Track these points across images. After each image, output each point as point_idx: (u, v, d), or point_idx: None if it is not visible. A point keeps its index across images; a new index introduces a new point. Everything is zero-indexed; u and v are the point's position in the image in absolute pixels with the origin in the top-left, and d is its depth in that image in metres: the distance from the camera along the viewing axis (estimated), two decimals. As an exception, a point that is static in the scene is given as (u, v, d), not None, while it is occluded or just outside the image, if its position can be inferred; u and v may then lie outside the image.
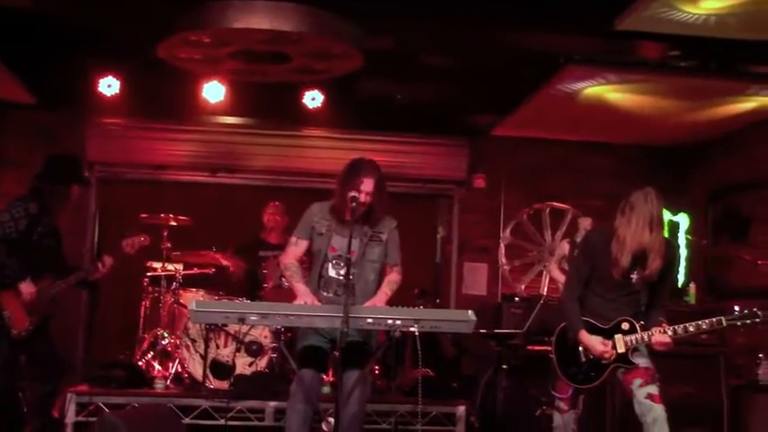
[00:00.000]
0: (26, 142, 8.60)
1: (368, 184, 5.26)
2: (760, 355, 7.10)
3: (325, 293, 5.34)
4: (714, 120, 8.21)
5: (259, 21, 6.18)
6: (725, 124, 8.32)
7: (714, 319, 5.03)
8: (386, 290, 5.38)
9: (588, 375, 5.26)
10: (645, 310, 5.24)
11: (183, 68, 7.29)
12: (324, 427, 4.86)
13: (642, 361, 5.14)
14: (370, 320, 4.84)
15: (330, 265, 5.35)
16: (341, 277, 5.24)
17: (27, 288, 5.92)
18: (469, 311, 4.87)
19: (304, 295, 5.21)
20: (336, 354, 4.80)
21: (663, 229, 5.14)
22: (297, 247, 5.46)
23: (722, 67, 6.98)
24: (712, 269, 8.69)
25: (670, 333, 5.04)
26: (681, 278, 8.22)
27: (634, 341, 5.11)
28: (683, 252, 8.33)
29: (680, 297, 7.91)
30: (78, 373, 8.07)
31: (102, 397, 6.78)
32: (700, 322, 5.05)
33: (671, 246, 5.26)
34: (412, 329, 4.80)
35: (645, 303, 5.21)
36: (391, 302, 5.28)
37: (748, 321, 5.00)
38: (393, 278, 5.43)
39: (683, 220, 8.42)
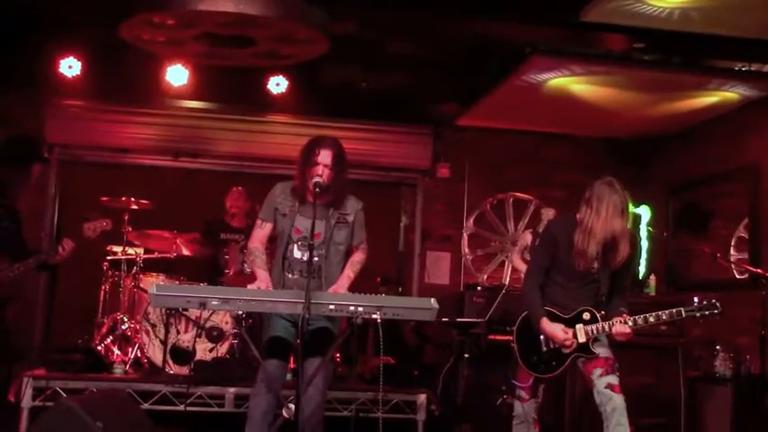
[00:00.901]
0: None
1: (325, 156, 5.21)
2: (717, 347, 7.19)
3: (290, 275, 5.30)
4: (676, 114, 8.28)
5: (224, 3, 6.12)
6: (686, 118, 8.39)
7: (674, 310, 5.08)
8: (348, 273, 5.35)
9: (549, 365, 5.28)
10: (606, 299, 5.27)
11: (146, 50, 7.20)
12: (284, 413, 4.83)
13: (602, 351, 5.17)
14: (332, 307, 4.82)
15: (295, 246, 5.31)
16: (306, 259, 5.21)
17: (-20, 270, 5.84)
18: (432, 299, 4.87)
19: (261, 281, 5.19)
20: (298, 340, 4.78)
21: (629, 212, 5.17)
22: (262, 230, 5.42)
23: (685, 62, 7.04)
24: (672, 261, 8.78)
25: (630, 324, 5.08)
26: (641, 270, 8.30)
27: (595, 331, 5.14)
28: (644, 244, 8.39)
29: (640, 289, 7.99)
30: (36, 357, 7.98)
31: (60, 381, 6.70)
32: (660, 312, 5.09)
33: (632, 234, 5.30)
34: (374, 317, 4.79)
35: (605, 293, 5.24)
36: (354, 289, 5.26)
37: (707, 312, 5.05)
38: (357, 258, 5.41)
39: (645, 212, 8.49)
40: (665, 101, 7.96)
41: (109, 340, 7.53)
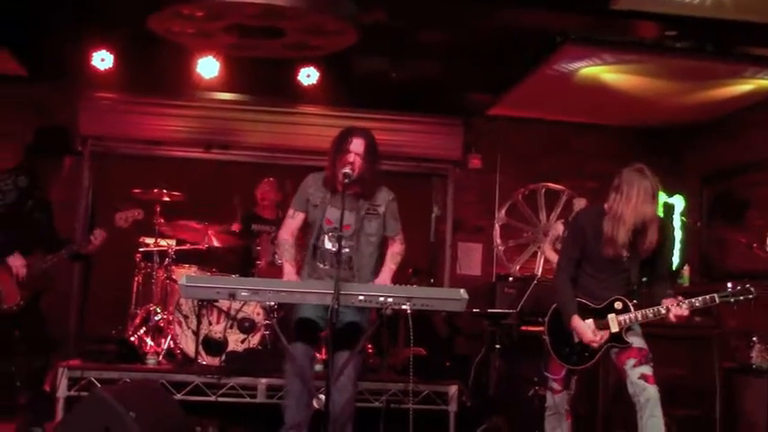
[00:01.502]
0: (18, 116, 8.49)
1: (358, 145, 5.21)
2: (754, 338, 7.09)
3: (321, 265, 5.32)
4: (710, 102, 8.18)
5: (252, -6, 6.14)
6: (721, 106, 8.29)
7: (707, 297, 5.02)
8: (390, 265, 5.37)
9: (581, 356, 5.24)
10: (646, 287, 5.23)
11: (177, 43, 7.24)
12: (314, 404, 4.84)
13: (636, 341, 5.13)
14: (361, 298, 4.81)
15: (326, 237, 5.32)
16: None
17: (15, 261, 5.89)
18: (461, 290, 4.85)
19: (288, 275, 5.21)
20: (328, 332, 4.78)
21: (659, 198, 5.12)
22: (294, 220, 5.43)
23: (719, 49, 6.95)
24: (707, 252, 8.68)
25: (685, 306, 5.00)
26: (675, 260, 8.21)
27: (627, 320, 5.10)
28: (678, 234, 8.31)
29: (674, 279, 7.90)
30: (71, 347, 8.07)
31: (95, 372, 6.75)
32: (693, 300, 5.03)
33: (662, 220, 5.24)
34: (404, 307, 4.78)
35: (636, 282, 5.20)
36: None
37: (741, 298, 4.99)
38: (396, 250, 5.43)
39: (678, 202, 8.40)
40: (699, 89, 7.86)
41: (142, 331, 7.58)
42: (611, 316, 5.13)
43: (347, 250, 5.21)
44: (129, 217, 6.48)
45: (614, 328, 5.11)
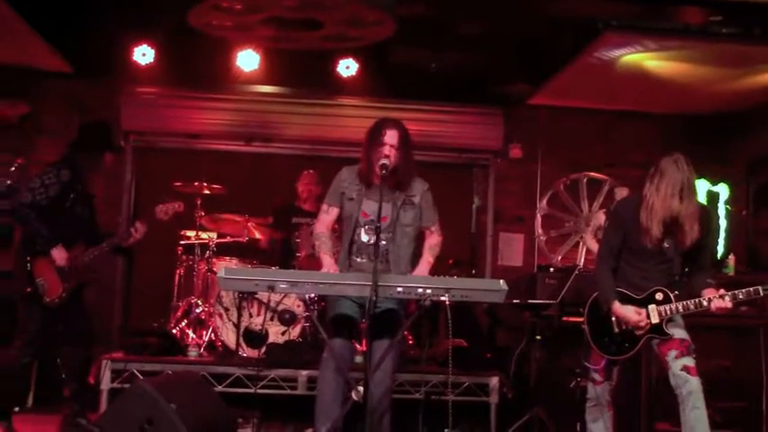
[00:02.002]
0: (61, 111, 8.63)
1: (392, 137, 5.21)
2: (801, 328, 6.96)
3: (358, 259, 5.32)
4: (757, 88, 8.01)
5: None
6: (768, 92, 8.13)
7: (751, 289, 4.93)
8: (428, 257, 5.37)
9: (621, 346, 5.18)
10: (687, 277, 5.15)
11: (216, 36, 7.27)
12: (353, 395, 4.83)
13: (677, 332, 5.05)
14: (400, 289, 4.80)
15: (362, 230, 5.32)
16: (373, 243, 5.20)
17: (59, 254, 5.96)
18: (501, 281, 4.82)
19: (327, 267, 5.20)
20: (366, 323, 4.78)
21: (695, 195, 5.04)
22: (328, 215, 5.44)
23: (767, 34, 6.79)
24: (753, 241, 8.53)
25: (729, 298, 4.92)
26: (720, 249, 8.08)
27: (668, 311, 5.03)
28: (723, 223, 8.17)
29: (719, 269, 7.76)
30: (115, 340, 8.16)
31: (137, 364, 6.84)
32: (736, 292, 4.95)
33: (706, 211, 5.15)
34: (443, 299, 4.76)
35: (678, 272, 5.12)
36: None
37: None
38: (434, 242, 5.42)
39: (723, 190, 8.25)
40: (745, 75, 7.71)
41: (184, 323, 7.65)
42: (651, 307, 5.06)
43: (384, 242, 5.20)
44: (170, 210, 6.52)
45: (655, 319, 5.04)
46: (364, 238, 5.30)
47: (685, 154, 5.06)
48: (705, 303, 4.98)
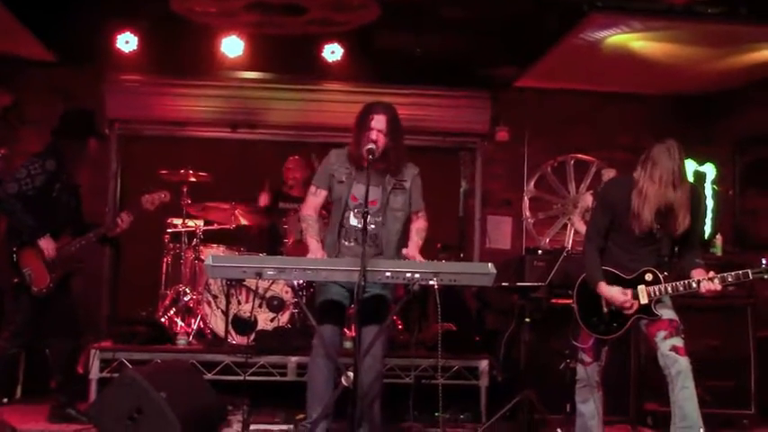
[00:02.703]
0: (45, 100, 8.53)
1: (379, 121, 5.18)
2: (788, 307, 7.00)
3: (346, 243, 5.29)
4: (743, 67, 8.00)
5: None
6: (754, 72, 8.10)
7: (740, 272, 4.94)
8: (417, 240, 5.33)
9: (610, 326, 5.20)
10: (677, 258, 5.17)
11: (200, 23, 7.22)
12: (343, 381, 4.83)
13: (666, 313, 5.07)
14: (388, 274, 4.79)
15: (351, 213, 5.29)
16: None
17: (46, 244, 5.93)
18: (489, 264, 4.81)
19: (314, 251, 5.17)
20: (355, 308, 4.77)
21: (686, 181, 5.03)
22: (316, 197, 5.41)
23: (753, 13, 6.78)
24: (740, 220, 8.55)
25: (718, 280, 4.94)
26: (707, 230, 8.08)
27: (657, 292, 5.04)
28: (710, 203, 8.17)
29: (706, 249, 7.78)
30: (103, 329, 8.14)
31: (126, 353, 6.83)
32: (725, 275, 4.96)
33: (695, 192, 5.15)
34: (431, 283, 4.75)
35: (667, 254, 5.13)
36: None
37: None
38: (421, 225, 5.40)
39: (710, 170, 8.24)
40: (732, 54, 7.70)
41: (172, 312, 7.63)
42: (640, 287, 5.07)
43: (373, 226, 5.18)
44: (156, 200, 6.51)
45: (644, 300, 5.05)
46: (353, 221, 5.27)
47: (677, 139, 5.04)
48: (695, 285, 4.99)
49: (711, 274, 4.98)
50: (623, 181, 5.21)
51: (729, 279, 4.97)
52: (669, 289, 5.02)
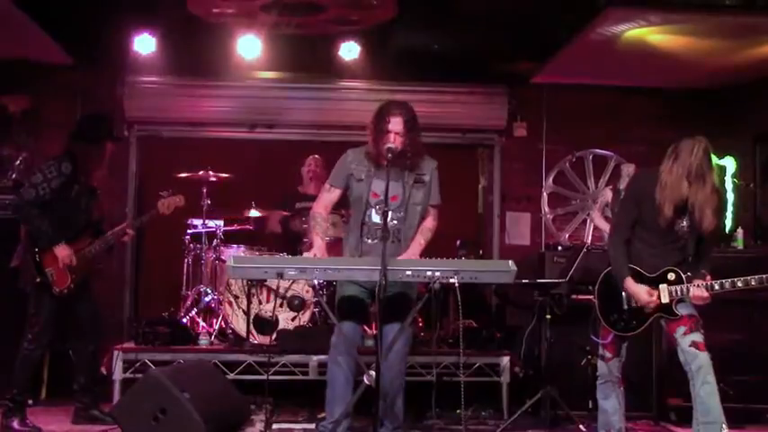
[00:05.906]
0: (64, 103, 8.57)
1: (396, 124, 5.18)
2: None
3: (369, 241, 5.29)
4: (761, 59, 7.93)
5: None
6: (773, 64, 8.06)
7: (764, 276, 4.92)
8: (420, 240, 5.33)
9: (629, 323, 5.20)
10: (693, 260, 5.13)
11: (217, 24, 7.23)
12: (365, 379, 4.84)
13: (686, 309, 5.05)
14: (409, 272, 4.80)
15: (373, 211, 5.29)
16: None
17: (62, 252, 5.98)
18: (509, 261, 4.82)
19: (316, 249, 5.18)
20: (376, 306, 4.78)
21: (705, 182, 4.97)
22: (330, 194, 5.42)
23: (771, 4, 6.75)
24: (762, 214, 8.48)
25: (707, 287, 4.93)
26: (728, 223, 8.04)
27: (679, 292, 5.02)
28: (730, 196, 8.13)
29: (727, 243, 7.74)
30: (125, 330, 8.19)
31: (148, 354, 6.88)
32: (748, 278, 4.95)
33: (718, 194, 5.11)
34: (452, 281, 4.76)
35: (692, 254, 5.11)
36: (432, 254, 5.20)
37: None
38: (428, 225, 5.39)
39: (730, 163, 8.20)
40: (750, 46, 7.63)
41: (194, 312, 7.67)
42: (662, 286, 5.06)
43: (395, 222, 5.19)
44: (171, 204, 6.60)
45: (665, 299, 5.04)
46: (375, 218, 5.27)
47: (704, 136, 5.02)
48: (717, 287, 4.99)
49: (704, 280, 4.99)
50: (650, 173, 5.16)
51: (753, 282, 4.97)
52: (684, 291, 5.01)
